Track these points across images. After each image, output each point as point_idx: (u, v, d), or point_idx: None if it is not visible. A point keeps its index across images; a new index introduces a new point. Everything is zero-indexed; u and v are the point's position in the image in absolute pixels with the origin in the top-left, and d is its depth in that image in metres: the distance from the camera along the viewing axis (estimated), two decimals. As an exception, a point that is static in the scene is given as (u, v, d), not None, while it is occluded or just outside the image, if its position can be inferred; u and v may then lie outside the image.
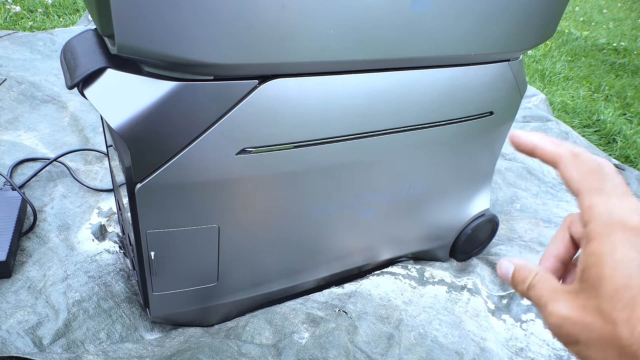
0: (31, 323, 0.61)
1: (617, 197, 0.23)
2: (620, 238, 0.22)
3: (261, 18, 0.41)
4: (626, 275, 0.21)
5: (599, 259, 0.22)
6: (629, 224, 0.22)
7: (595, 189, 0.23)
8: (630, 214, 0.22)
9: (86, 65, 0.45)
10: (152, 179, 0.47)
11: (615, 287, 0.21)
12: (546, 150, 0.26)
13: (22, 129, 1.02)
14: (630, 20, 3.94)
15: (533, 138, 0.27)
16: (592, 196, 0.23)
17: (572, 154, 0.25)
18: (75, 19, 1.91)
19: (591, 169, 0.24)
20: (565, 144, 0.26)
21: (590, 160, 0.25)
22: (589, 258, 0.22)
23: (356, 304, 0.70)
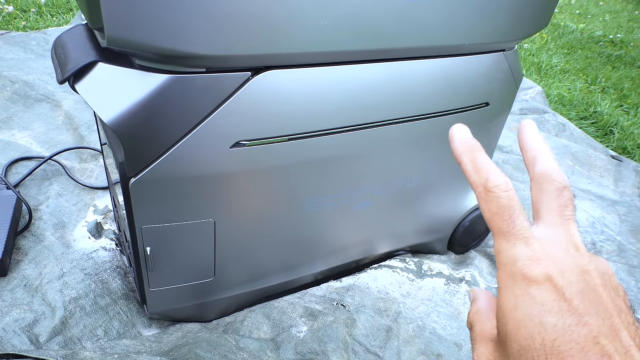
0: (28, 321, 0.61)
1: (523, 242, 0.21)
2: (522, 292, 0.20)
3: (253, 8, 0.41)
4: (528, 335, 0.20)
5: (503, 313, 0.21)
6: (531, 276, 0.20)
7: (503, 232, 0.22)
8: (532, 264, 0.21)
9: (77, 60, 0.45)
10: (145, 174, 0.47)
11: (519, 347, 0.20)
12: (466, 174, 0.24)
13: (16, 128, 1.01)
14: (627, 12, 3.94)
15: (461, 150, 0.25)
16: (499, 240, 0.22)
17: (485, 188, 0.23)
18: (68, 18, 1.90)
19: (500, 208, 0.22)
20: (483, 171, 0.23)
21: (502, 196, 0.22)
22: (498, 312, 0.22)
23: (354, 297, 0.69)
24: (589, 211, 1.04)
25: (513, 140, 1.32)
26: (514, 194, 0.22)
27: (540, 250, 0.21)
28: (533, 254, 0.21)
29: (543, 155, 0.25)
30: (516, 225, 0.22)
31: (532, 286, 0.20)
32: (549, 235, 0.22)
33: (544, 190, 0.23)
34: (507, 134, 1.34)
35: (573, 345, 0.19)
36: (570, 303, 0.20)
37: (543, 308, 0.20)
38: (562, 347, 0.19)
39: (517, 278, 0.21)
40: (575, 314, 0.19)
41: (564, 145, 1.33)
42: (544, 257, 0.21)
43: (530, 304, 0.20)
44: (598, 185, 1.19)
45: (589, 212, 1.03)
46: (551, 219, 0.23)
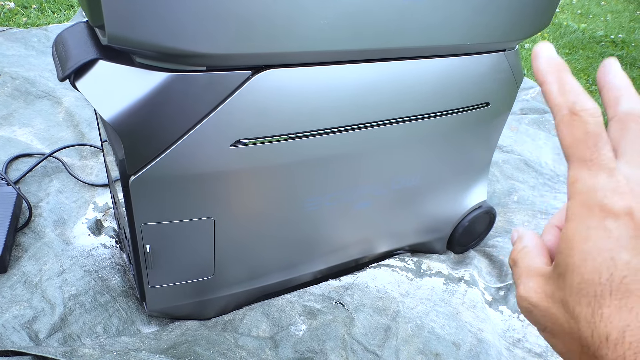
0: (27, 317, 0.61)
1: (607, 172, 0.19)
2: (597, 224, 0.19)
3: (254, 7, 0.41)
4: (594, 268, 0.18)
5: (570, 244, 0.19)
6: (610, 207, 0.19)
7: (585, 160, 0.20)
8: (615, 195, 0.19)
9: (77, 57, 0.45)
10: (146, 172, 0.47)
11: (581, 280, 0.19)
12: (549, 95, 0.22)
13: (17, 125, 1.01)
14: (628, 13, 3.93)
15: (547, 70, 0.22)
16: (578, 168, 0.20)
17: (571, 111, 0.20)
18: (69, 14, 1.90)
19: (587, 134, 0.20)
20: (572, 93, 0.21)
21: (591, 121, 0.20)
22: (563, 242, 0.20)
23: (353, 296, 0.69)
24: (589, 212, 1.03)
25: (513, 140, 1.32)
26: (602, 123, 0.20)
27: (625, 184, 0.19)
28: (617, 185, 0.19)
29: (630, 95, 0.23)
30: (601, 154, 0.20)
31: (609, 218, 0.19)
32: (632, 173, 0.20)
33: (629, 130, 0.21)
34: (507, 134, 1.34)
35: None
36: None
37: (618, 243, 0.18)
38: (631, 286, 0.18)
39: (594, 208, 0.19)
40: None
41: (564, 145, 1.33)
42: (628, 191, 0.19)
43: (603, 237, 0.18)
44: (598, 185, 1.19)
45: (589, 213, 1.03)
46: (636, 158, 0.20)
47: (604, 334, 0.18)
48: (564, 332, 0.20)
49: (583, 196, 0.20)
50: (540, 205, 1.05)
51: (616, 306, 0.18)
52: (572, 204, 0.20)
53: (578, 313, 0.19)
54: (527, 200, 1.07)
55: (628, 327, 0.17)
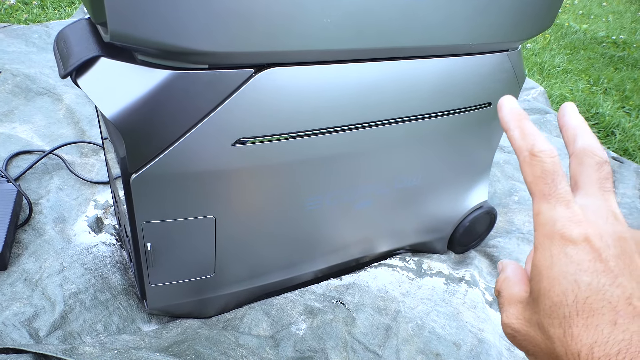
0: (27, 315, 0.61)
1: (564, 204, 0.22)
2: (559, 251, 0.21)
3: (256, 5, 0.41)
4: (561, 292, 0.20)
5: (539, 271, 0.22)
6: (568, 235, 0.21)
7: (544, 195, 0.22)
8: (572, 224, 0.21)
9: (79, 54, 0.45)
10: (147, 170, 0.47)
11: (551, 303, 0.21)
12: (512, 139, 0.25)
13: (17, 122, 1.01)
14: (630, 13, 3.92)
15: (510, 118, 0.25)
16: (540, 202, 0.23)
17: (530, 153, 0.23)
18: (70, 11, 1.90)
19: (544, 172, 0.23)
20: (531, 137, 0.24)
21: (547, 161, 0.23)
22: (533, 270, 0.22)
23: (354, 295, 0.69)
24: (590, 212, 1.03)
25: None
26: (559, 161, 0.23)
27: (580, 213, 0.22)
28: (573, 215, 0.21)
29: (584, 133, 0.25)
30: (558, 189, 0.22)
31: (569, 246, 0.21)
32: (588, 203, 0.23)
33: (584, 164, 0.24)
34: (508, 134, 1.34)
35: (605, 304, 0.19)
36: (606, 264, 0.20)
37: (579, 267, 0.20)
38: (594, 305, 0.19)
39: (555, 237, 0.21)
40: (610, 275, 0.20)
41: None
42: (584, 220, 0.21)
43: (566, 263, 0.21)
44: (599, 186, 1.19)
45: (590, 214, 1.03)
46: (591, 189, 0.23)
47: (576, 352, 0.19)
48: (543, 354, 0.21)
49: (545, 227, 0.22)
50: (541, 206, 1.05)
51: (583, 325, 0.19)
52: (537, 235, 0.22)
53: (552, 334, 0.20)
54: (528, 200, 1.07)
55: (595, 344, 0.19)
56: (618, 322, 0.19)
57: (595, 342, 0.19)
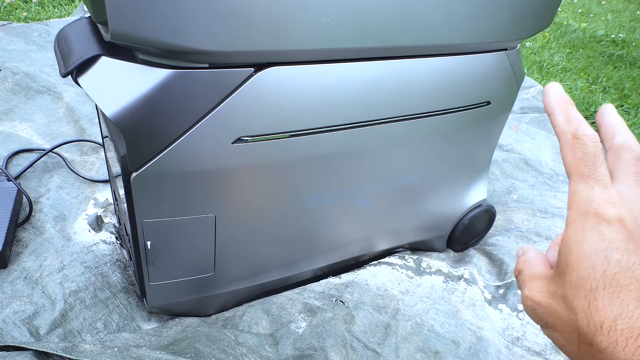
0: (28, 313, 0.61)
1: (602, 186, 0.23)
2: (592, 228, 0.22)
3: (256, 5, 0.41)
4: (590, 266, 0.21)
5: (569, 246, 0.22)
6: (604, 214, 0.22)
7: (582, 176, 0.23)
8: (608, 205, 0.22)
9: (80, 53, 0.45)
10: (147, 168, 0.47)
11: (578, 276, 0.21)
12: (556, 122, 0.26)
13: (17, 120, 1.01)
14: (629, 12, 3.92)
15: (555, 103, 0.26)
16: (577, 182, 0.23)
17: (573, 136, 0.24)
18: (70, 9, 1.89)
19: (585, 154, 0.23)
20: (575, 121, 0.25)
21: (590, 144, 0.24)
22: (562, 245, 0.23)
23: (353, 293, 0.70)
24: (588, 211, 1.04)
25: (513, 139, 1.33)
26: (600, 146, 0.24)
27: (617, 197, 0.22)
28: (610, 197, 0.22)
29: (623, 130, 0.26)
30: (598, 171, 0.23)
31: (603, 224, 0.21)
32: (624, 191, 0.23)
33: (621, 158, 0.25)
34: (507, 133, 1.35)
35: (633, 281, 0.20)
36: (637, 244, 0.21)
37: (610, 244, 0.21)
38: (622, 281, 0.20)
39: (589, 215, 0.22)
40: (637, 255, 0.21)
41: (564, 144, 1.33)
42: (619, 202, 0.22)
43: (598, 239, 0.21)
44: (597, 185, 1.19)
45: (588, 212, 1.03)
46: (627, 180, 0.24)
47: (599, 323, 0.20)
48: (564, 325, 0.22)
49: (580, 205, 0.23)
50: (539, 204, 1.05)
51: (609, 298, 0.20)
52: (571, 213, 0.23)
53: (576, 305, 0.21)
54: (527, 199, 1.08)
55: (619, 316, 0.20)
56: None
57: (619, 314, 0.20)
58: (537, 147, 1.31)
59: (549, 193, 1.11)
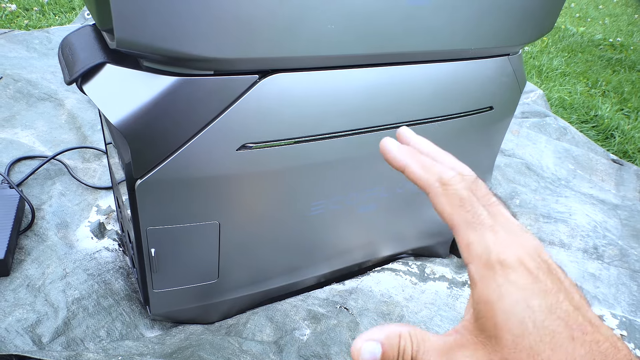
0: (30, 321, 0.61)
1: (489, 229, 0.21)
2: (503, 280, 0.20)
3: (260, 12, 0.41)
4: (519, 322, 0.20)
5: (489, 307, 0.21)
6: (506, 261, 0.20)
7: (469, 223, 0.22)
8: (506, 249, 0.21)
9: (85, 61, 0.45)
10: (152, 175, 0.47)
11: (513, 336, 0.20)
12: (415, 176, 0.24)
13: (19, 127, 1.01)
14: (627, 16, 3.95)
15: (403, 157, 0.25)
16: (467, 232, 0.22)
17: (441, 183, 0.23)
18: (71, 17, 1.90)
19: (462, 199, 0.22)
20: (435, 167, 0.23)
21: (460, 186, 0.22)
22: (480, 306, 0.21)
23: (357, 300, 0.69)
24: (591, 215, 1.04)
25: (515, 144, 1.33)
26: (472, 179, 0.23)
27: (506, 236, 0.21)
28: (503, 239, 0.21)
29: (442, 158, 0.26)
30: (479, 212, 0.22)
31: (510, 272, 0.20)
32: (499, 221, 0.22)
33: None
34: (509, 137, 1.35)
35: (559, 322, 0.19)
36: (546, 284, 0.20)
37: (525, 292, 0.20)
38: (551, 327, 0.19)
39: (495, 267, 0.21)
40: (552, 293, 0.20)
41: (565, 149, 1.33)
42: (510, 242, 0.21)
43: (514, 291, 0.20)
44: (599, 189, 1.19)
45: (591, 216, 1.03)
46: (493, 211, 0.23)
47: None
48: None
49: (482, 258, 0.21)
50: (542, 209, 1.05)
51: (550, 349, 0.19)
52: (475, 268, 0.21)
53: None
54: (529, 203, 1.07)
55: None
56: (575, 336, 0.19)
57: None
58: (539, 151, 1.31)
59: (551, 198, 1.11)
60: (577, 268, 0.89)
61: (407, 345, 0.22)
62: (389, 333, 0.22)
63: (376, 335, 0.22)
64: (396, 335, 0.22)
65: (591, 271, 0.88)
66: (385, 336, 0.22)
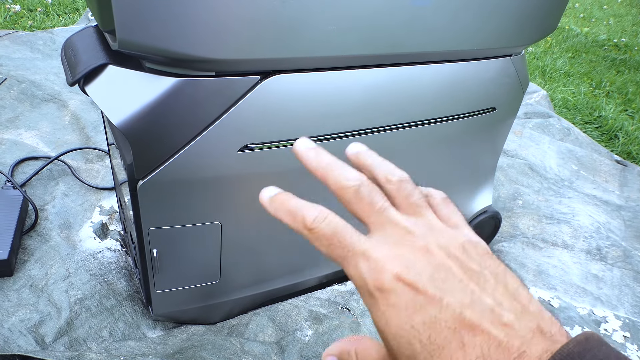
0: (33, 321, 0.61)
1: (362, 257, 0.21)
2: (385, 307, 0.20)
3: (262, 13, 0.41)
4: (407, 344, 0.19)
5: (382, 333, 0.21)
6: (384, 286, 0.20)
7: (343, 258, 0.21)
8: (379, 273, 0.20)
9: (87, 62, 0.45)
10: (154, 176, 0.47)
11: (407, 358, 0.20)
12: (289, 225, 0.24)
13: (23, 128, 1.02)
14: (631, 16, 3.93)
15: (273, 207, 0.25)
16: (346, 268, 0.21)
17: (307, 229, 0.22)
18: (75, 18, 1.91)
19: (329, 239, 0.22)
20: (298, 213, 0.23)
21: (324, 228, 0.22)
22: (380, 335, 0.21)
23: (359, 301, 0.69)
24: (594, 216, 1.03)
25: (518, 145, 1.32)
26: (331, 216, 0.22)
27: (380, 256, 0.21)
28: (375, 264, 0.20)
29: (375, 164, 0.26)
30: (347, 245, 0.21)
31: (390, 295, 0.20)
32: (378, 236, 0.22)
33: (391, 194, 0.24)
34: (511, 138, 1.34)
35: (446, 332, 0.19)
36: (426, 293, 0.19)
37: (407, 311, 0.19)
38: (438, 340, 0.19)
39: (375, 295, 0.20)
40: (434, 302, 0.19)
41: (569, 149, 1.33)
42: (385, 260, 0.20)
43: (396, 314, 0.20)
44: (603, 190, 1.18)
45: (594, 217, 1.03)
46: (372, 218, 0.23)
47: None
48: None
49: (363, 289, 0.21)
50: (545, 210, 1.05)
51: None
52: (364, 300, 0.21)
53: None
54: (532, 204, 1.07)
55: None
56: (464, 341, 0.18)
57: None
58: (542, 152, 1.30)
59: (554, 199, 1.11)
60: (580, 269, 0.88)
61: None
62: (342, 349, 0.23)
63: (334, 350, 0.24)
64: (346, 352, 0.23)
65: (594, 272, 0.88)
66: (339, 352, 0.24)
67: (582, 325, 0.75)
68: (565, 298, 0.80)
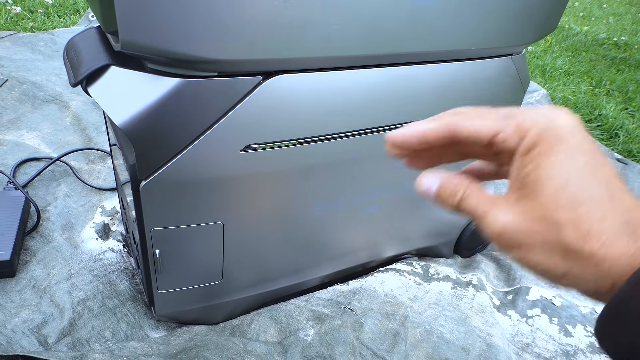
0: (36, 322, 0.61)
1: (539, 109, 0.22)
2: (555, 137, 0.21)
3: (264, 14, 0.41)
4: (563, 174, 0.20)
5: (535, 163, 0.21)
6: (562, 124, 0.21)
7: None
8: (561, 114, 0.21)
9: (90, 63, 0.45)
10: (156, 177, 0.47)
11: (555, 188, 0.20)
12: (431, 135, 0.25)
13: (25, 129, 1.02)
14: (631, 15, 3.93)
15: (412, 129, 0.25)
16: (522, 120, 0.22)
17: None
18: (75, 19, 1.91)
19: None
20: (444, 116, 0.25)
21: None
22: (528, 165, 0.22)
23: (361, 300, 0.69)
24: (595, 215, 1.03)
25: (518, 144, 1.32)
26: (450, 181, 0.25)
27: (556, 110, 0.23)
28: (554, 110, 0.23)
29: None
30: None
31: (564, 132, 0.21)
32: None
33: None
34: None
35: (601, 181, 0.20)
36: (591, 146, 0.22)
37: (573, 150, 0.21)
38: (593, 183, 0.20)
39: (550, 132, 0.22)
40: (597, 155, 0.21)
41: (570, 148, 1.33)
42: (562, 112, 0.22)
43: (563, 149, 0.21)
44: (604, 189, 1.18)
45: (595, 216, 1.02)
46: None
47: (585, 230, 0.20)
48: (545, 242, 0.21)
49: (539, 125, 0.22)
50: (546, 209, 1.05)
51: (591, 204, 0.20)
52: (531, 134, 0.22)
53: (557, 218, 0.20)
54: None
55: (604, 217, 0.20)
56: (615, 196, 0.20)
57: (604, 216, 0.20)
58: (543, 151, 1.30)
59: (556, 197, 1.11)
60: (582, 268, 0.88)
61: (459, 189, 0.25)
62: (451, 177, 0.25)
63: (440, 174, 0.26)
64: (454, 181, 0.25)
65: (596, 271, 0.88)
66: (446, 178, 0.26)
67: (584, 324, 0.75)
68: (568, 297, 0.80)
